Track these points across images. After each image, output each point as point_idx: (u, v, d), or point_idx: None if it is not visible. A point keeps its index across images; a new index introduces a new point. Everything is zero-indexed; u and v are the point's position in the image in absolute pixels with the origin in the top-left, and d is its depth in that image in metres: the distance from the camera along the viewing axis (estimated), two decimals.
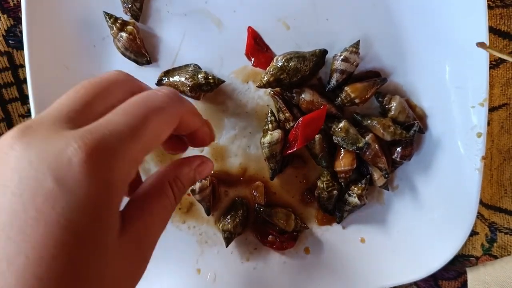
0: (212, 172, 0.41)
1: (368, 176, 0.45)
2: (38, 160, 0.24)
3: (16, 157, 0.24)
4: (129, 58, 0.44)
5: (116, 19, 0.42)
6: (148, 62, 0.44)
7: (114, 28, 0.42)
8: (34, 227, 0.23)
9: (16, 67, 0.47)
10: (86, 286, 0.25)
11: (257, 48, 0.44)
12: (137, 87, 0.31)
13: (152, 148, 0.29)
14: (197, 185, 0.43)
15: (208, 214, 0.46)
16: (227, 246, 0.45)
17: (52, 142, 0.24)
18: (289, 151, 0.43)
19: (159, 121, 0.28)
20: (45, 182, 0.23)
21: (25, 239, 0.22)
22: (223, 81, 0.43)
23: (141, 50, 0.43)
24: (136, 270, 0.31)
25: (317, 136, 0.43)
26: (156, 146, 0.30)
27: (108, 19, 0.42)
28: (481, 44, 0.37)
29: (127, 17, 0.43)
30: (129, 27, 0.42)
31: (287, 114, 0.43)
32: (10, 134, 0.25)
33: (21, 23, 0.42)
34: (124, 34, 0.42)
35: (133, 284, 0.30)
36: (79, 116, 0.27)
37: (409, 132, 0.43)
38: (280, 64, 0.42)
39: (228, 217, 0.45)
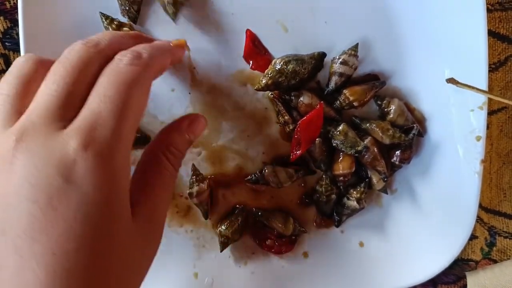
0: (205, 130, 0.40)
1: (367, 180, 0.44)
2: (44, 164, 0.25)
3: (22, 165, 0.25)
4: None
5: (112, 20, 0.42)
6: None
7: (110, 29, 0.42)
8: (55, 226, 0.24)
9: None
10: (110, 272, 0.27)
11: (256, 51, 0.43)
12: (107, 50, 0.31)
13: (139, 120, 0.30)
14: (194, 189, 0.43)
15: (205, 218, 0.45)
16: (221, 250, 0.45)
17: (52, 145, 0.26)
18: (295, 157, 0.43)
19: (138, 94, 0.29)
20: (56, 183, 0.25)
21: (49, 238, 0.24)
22: None
23: None
24: (152, 247, 0.32)
25: (317, 139, 0.43)
26: (141, 116, 0.30)
27: (104, 20, 0.42)
28: (450, 80, 0.38)
29: (124, 20, 0.43)
30: (125, 29, 0.42)
31: (286, 117, 0.43)
32: (8, 143, 0.26)
33: (17, 25, 0.42)
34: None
35: (151, 260, 0.32)
36: (66, 109, 0.27)
37: (408, 136, 0.42)
38: (278, 67, 0.41)
39: (227, 222, 0.45)
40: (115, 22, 0.42)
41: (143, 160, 0.33)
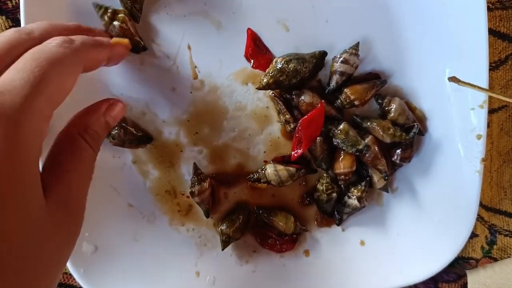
0: (126, 113, 0.39)
1: (367, 178, 0.44)
2: None
3: None
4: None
5: (106, 9, 0.41)
6: (144, 49, 0.43)
7: (106, 18, 0.41)
8: None
9: None
10: (4, 262, 0.24)
11: (257, 50, 0.44)
12: (40, 38, 0.30)
13: (60, 101, 0.28)
14: (196, 188, 0.43)
15: (207, 217, 0.45)
16: (223, 249, 0.45)
17: None
18: (296, 155, 0.43)
19: (60, 74, 0.28)
20: None
21: None
22: None
23: (135, 37, 0.42)
24: (66, 237, 0.29)
25: (318, 138, 0.43)
26: (64, 97, 0.29)
27: (97, 11, 0.41)
28: (452, 79, 0.37)
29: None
30: (121, 15, 0.41)
31: (287, 116, 0.43)
32: None
33: (19, 25, 0.42)
34: (116, 23, 0.41)
35: (65, 252, 0.29)
36: None
37: (408, 134, 0.43)
38: (279, 66, 0.42)
39: (229, 220, 0.45)
40: (109, 11, 0.41)
41: (57, 142, 0.30)
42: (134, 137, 0.43)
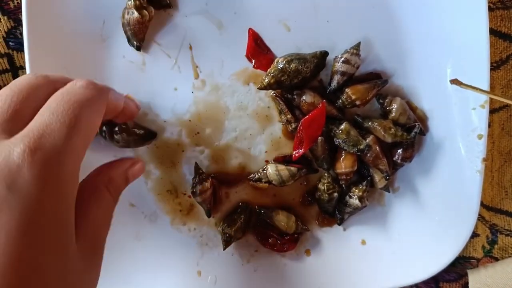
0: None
1: (369, 178, 0.45)
2: None
3: None
4: (125, 32, 0.43)
5: None
6: (138, 49, 0.44)
7: (133, 1, 0.41)
8: None
9: (16, 69, 0.47)
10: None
11: (258, 50, 0.44)
12: (59, 85, 0.31)
13: (91, 139, 0.30)
14: (197, 187, 0.43)
15: (208, 216, 0.45)
16: (224, 249, 0.45)
17: None
18: (298, 155, 0.43)
19: (90, 114, 0.29)
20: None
21: None
22: None
23: (139, 35, 0.43)
24: (92, 274, 0.31)
25: (319, 138, 0.43)
26: (93, 137, 0.30)
27: None
28: (454, 81, 0.37)
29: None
30: (145, 12, 0.41)
31: (288, 116, 0.43)
32: None
33: (21, 25, 0.42)
34: (136, 13, 0.41)
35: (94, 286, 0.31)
36: (11, 125, 0.27)
37: (410, 134, 0.43)
38: (281, 66, 0.42)
39: (230, 220, 0.45)
40: (141, 0, 0.42)
41: (83, 189, 0.32)
42: (138, 137, 0.43)
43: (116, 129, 0.42)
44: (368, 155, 0.43)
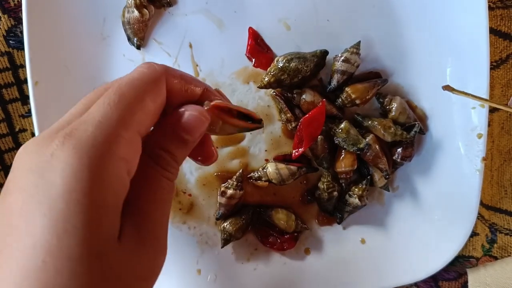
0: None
1: (368, 177, 0.45)
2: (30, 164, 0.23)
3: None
4: (125, 31, 0.44)
5: None
6: (138, 47, 0.44)
7: (133, 0, 0.42)
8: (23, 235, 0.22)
9: (16, 67, 0.47)
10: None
11: (258, 48, 0.44)
12: None
13: (147, 125, 0.26)
14: (230, 191, 0.44)
15: (217, 219, 0.46)
16: (222, 247, 0.45)
17: (42, 146, 0.23)
18: (297, 154, 0.43)
19: (139, 91, 0.25)
20: (31, 179, 0.22)
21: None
22: None
23: (139, 34, 0.43)
24: (155, 261, 0.27)
25: (319, 137, 0.43)
26: (150, 120, 0.26)
27: None
28: (446, 87, 0.37)
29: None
30: (145, 11, 0.42)
31: (288, 115, 0.43)
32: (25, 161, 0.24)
33: (21, 23, 0.42)
34: (136, 12, 0.42)
35: (156, 275, 0.28)
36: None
37: (409, 133, 0.43)
38: (280, 65, 0.42)
39: (232, 219, 0.45)
40: None
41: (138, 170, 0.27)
42: None
43: None
44: (368, 154, 0.43)
